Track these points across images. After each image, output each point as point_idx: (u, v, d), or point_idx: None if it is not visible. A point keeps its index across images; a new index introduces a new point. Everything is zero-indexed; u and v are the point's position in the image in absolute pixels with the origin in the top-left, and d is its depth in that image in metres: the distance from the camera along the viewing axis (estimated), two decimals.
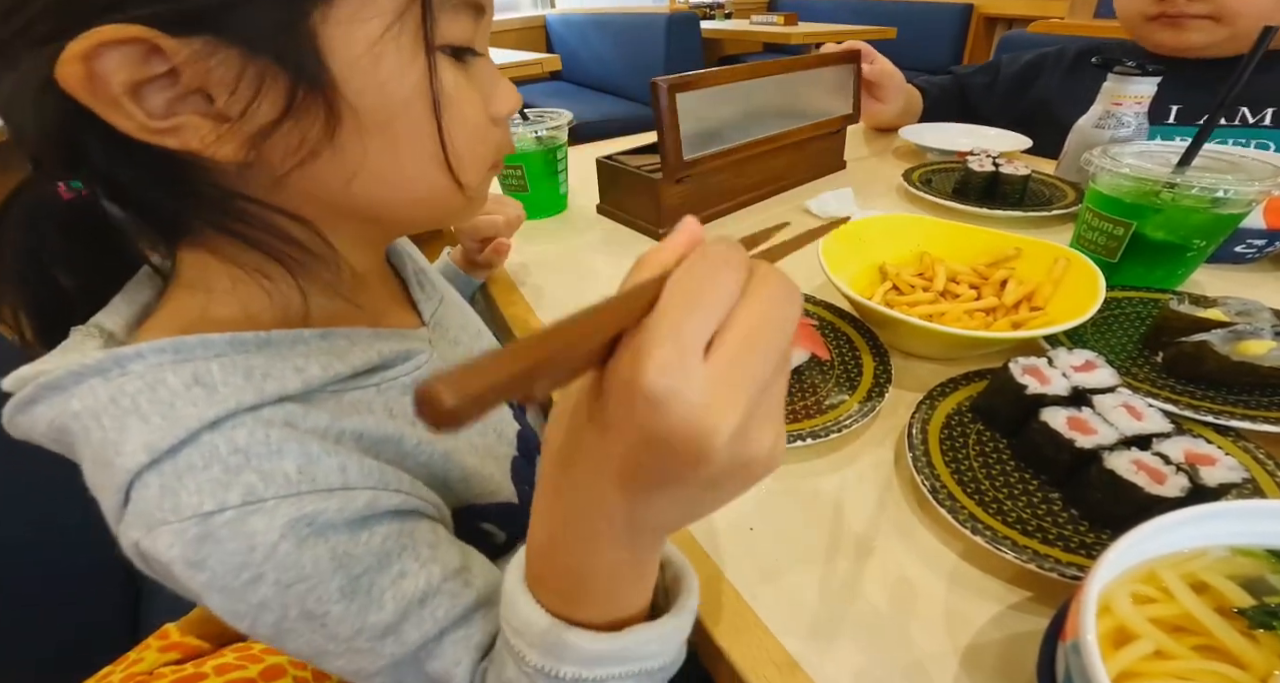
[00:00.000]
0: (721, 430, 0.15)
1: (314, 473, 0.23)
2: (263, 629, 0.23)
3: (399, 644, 0.24)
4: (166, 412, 0.21)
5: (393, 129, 0.25)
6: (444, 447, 0.31)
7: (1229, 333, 0.36)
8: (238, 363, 0.24)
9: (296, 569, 0.22)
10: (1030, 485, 0.33)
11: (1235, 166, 0.43)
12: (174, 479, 0.21)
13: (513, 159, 0.68)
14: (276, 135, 0.23)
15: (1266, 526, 0.24)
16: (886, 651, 0.27)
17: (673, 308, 0.15)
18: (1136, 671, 0.22)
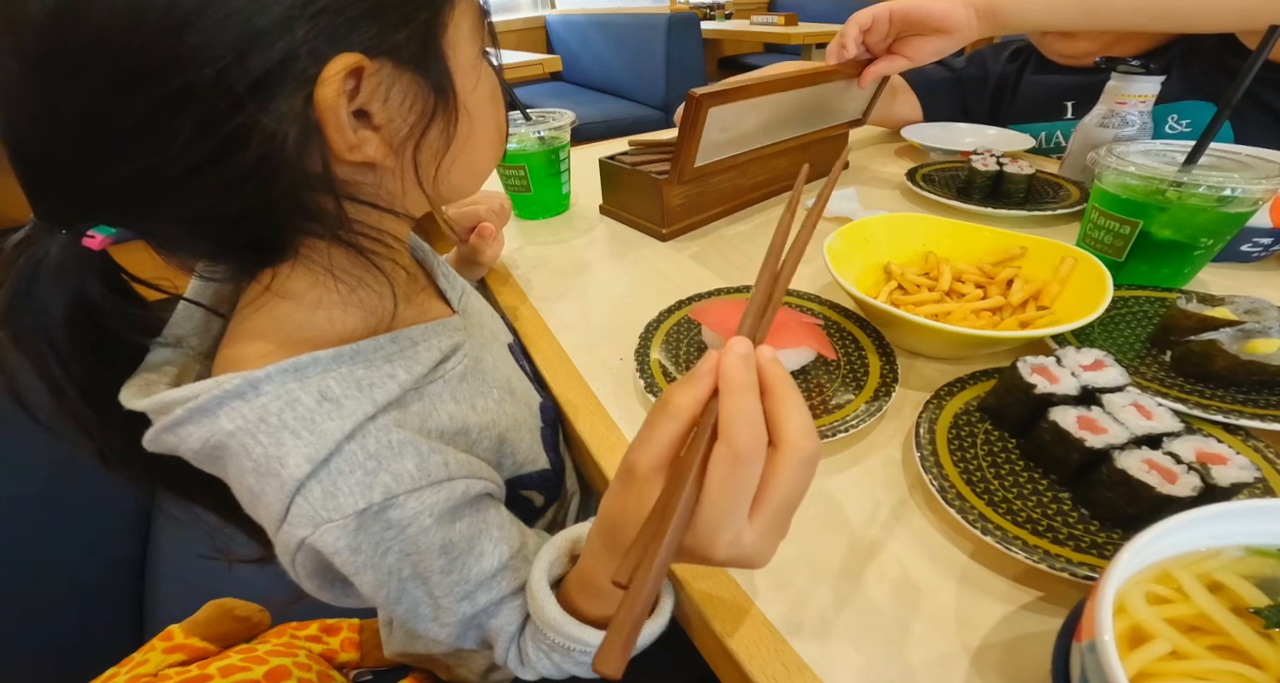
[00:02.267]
0: (763, 560, 0.22)
1: (428, 469, 0.28)
2: (391, 593, 0.28)
3: (472, 605, 0.30)
4: (312, 427, 0.25)
5: (484, 121, 0.30)
6: (498, 430, 0.36)
7: (1238, 332, 0.36)
8: (345, 376, 0.28)
9: (416, 547, 0.28)
10: (1040, 485, 0.33)
11: (1243, 165, 0.43)
12: (330, 485, 0.25)
13: (515, 159, 0.68)
14: (423, 140, 0.27)
15: (1273, 525, 0.24)
16: (895, 651, 0.27)
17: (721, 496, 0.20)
18: (1153, 671, 0.21)
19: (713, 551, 0.21)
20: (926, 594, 0.29)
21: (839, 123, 0.76)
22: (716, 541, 0.21)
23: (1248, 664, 0.21)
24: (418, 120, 0.26)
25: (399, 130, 0.25)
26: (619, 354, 0.48)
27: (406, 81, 0.25)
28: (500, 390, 0.37)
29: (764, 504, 0.21)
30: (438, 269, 0.41)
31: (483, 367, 0.37)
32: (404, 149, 0.26)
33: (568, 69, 2.62)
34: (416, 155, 0.27)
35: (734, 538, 0.21)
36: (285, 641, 0.48)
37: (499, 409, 0.36)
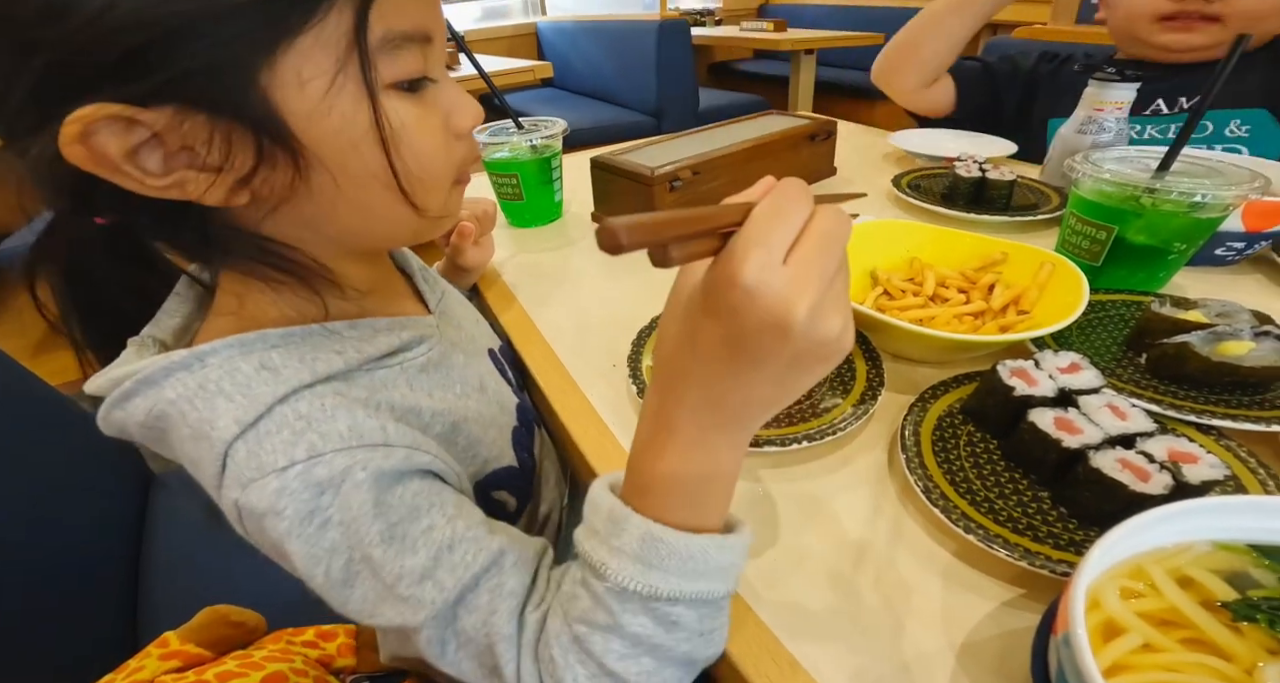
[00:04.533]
0: (798, 311, 0.20)
1: (361, 431, 0.28)
2: (335, 574, 0.26)
3: (437, 589, 0.26)
4: (246, 391, 0.26)
5: (350, 169, 0.28)
6: (453, 418, 0.36)
7: (1209, 334, 0.37)
8: (291, 351, 0.29)
9: (350, 511, 0.26)
10: (1020, 485, 0.34)
11: (1213, 171, 0.44)
12: (256, 445, 0.26)
13: (507, 167, 0.69)
14: (256, 181, 0.26)
15: (1247, 521, 0.25)
16: (884, 649, 0.28)
17: (763, 220, 0.21)
18: (1126, 663, 0.22)
19: (741, 265, 0.20)
20: (914, 593, 0.30)
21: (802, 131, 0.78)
22: (748, 255, 0.20)
23: (1217, 657, 0.22)
24: (243, 162, 0.25)
25: (228, 172, 0.25)
26: (611, 360, 0.49)
27: (226, 128, 0.24)
28: (465, 387, 0.38)
29: (799, 244, 0.21)
30: (418, 274, 0.44)
31: (450, 363, 0.38)
32: (242, 190, 0.26)
33: (559, 75, 2.63)
34: (253, 194, 0.27)
35: (765, 260, 0.20)
36: (281, 646, 0.48)
37: (459, 402, 0.37)
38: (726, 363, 0.23)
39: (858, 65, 2.85)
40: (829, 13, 3.03)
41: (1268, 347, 0.36)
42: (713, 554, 0.25)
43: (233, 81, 0.24)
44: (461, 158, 0.33)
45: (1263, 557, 0.24)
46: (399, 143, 0.28)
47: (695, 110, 2.19)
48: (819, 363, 0.23)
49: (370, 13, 0.25)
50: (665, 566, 0.24)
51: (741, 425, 0.25)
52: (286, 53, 0.24)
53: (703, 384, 0.24)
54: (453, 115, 0.31)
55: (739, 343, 0.22)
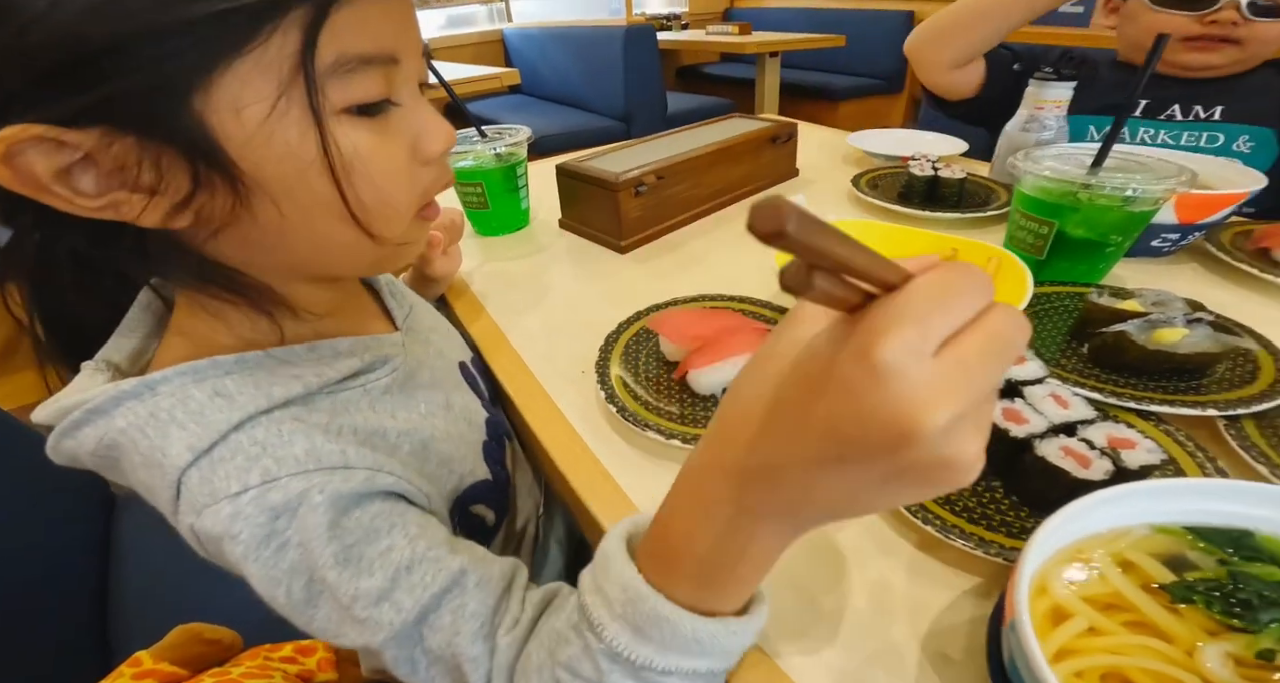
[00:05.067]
0: (932, 420, 0.15)
1: (319, 454, 0.28)
2: (297, 595, 0.26)
3: (395, 610, 0.26)
4: (199, 418, 0.26)
5: (297, 196, 0.26)
6: (421, 436, 0.35)
7: (1145, 323, 0.39)
8: (245, 377, 0.28)
9: (305, 532, 0.26)
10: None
11: (1144, 167, 0.47)
12: (209, 471, 0.26)
13: (472, 176, 0.69)
14: (194, 206, 0.25)
15: (1182, 503, 0.26)
16: (851, 640, 0.28)
17: (923, 299, 0.16)
18: (1072, 647, 0.23)
19: (880, 338, 0.15)
20: (878, 584, 0.31)
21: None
22: (893, 328, 0.15)
23: (1159, 639, 0.23)
24: (179, 187, 0.24)
25: (164, 196, 0.24)
26: (580, 366, 0.49)
27: (158, 151, 0.23)
28: (431, 404, 0.38)
29: (961, 340, 0.16)
30: (384, 290, 0.42)
31: (416, 381, 0.38)
32: (182, 213, 0.25)
33: (527, 81, 2.63)
34: (204, 219, 0.26)
35: (914, 341, 0.15)
36: (259, 663, 0.47)
37: (425, 421, 0.36)
38: (810, 444, 0.18)
39: (821, 67, 2.91)
40: (792, 16, 3.09)
41: (1200, 333, 0.37)
42: (721, 640, 0.23)
43: (163, 105, 0.23)
44: (428, 185, 0.32)
45: (1198, 539, 0.25)
46: (352, 171, 0.27)
47: (664, 114, 2.21)
48: (927, 486, 0.18)
49: (320, 36, 0.24)
50: (666, 643, 0.23)
51: (794, 520, 0.21)
52: (223, 76, 0.23)
53: (768, 458, 0.20)
54: (421, 140, 0.30)
55: (838, 429, 0.17)
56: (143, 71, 0.22)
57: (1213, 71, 0.71)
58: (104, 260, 0.28)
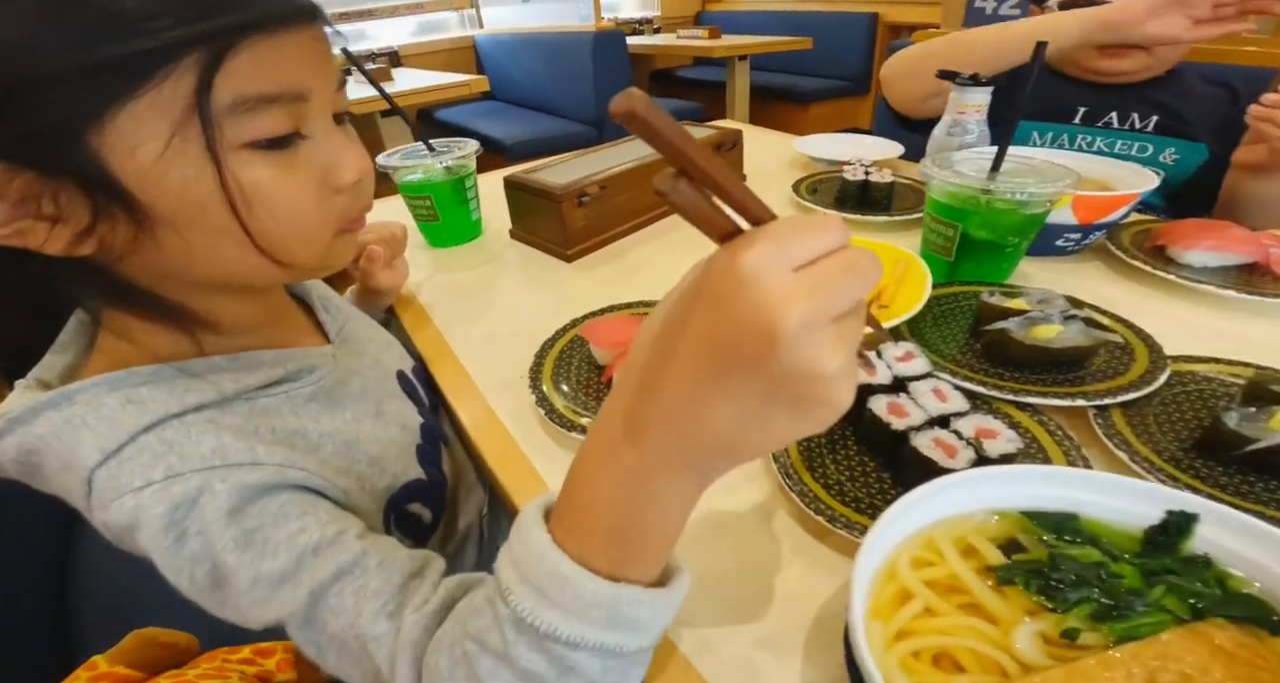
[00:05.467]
0: (790, 320, 0.17)
1: (225, 452, 0.29)
2: (201, 581, 0.28)
3: (295, 588, 0.27)
4: (110, 423, 0.28)
5: (199, 226, 0.28)
6: (345, 438, 0.37)
7: (1025, 320, 0.41)
8: (160, 386, 0.30)
9: (204, 520, 0.27)
10: (869, 467, 0.37)
11: (1034, 171, 0.50)
12: (117, 469, 0.27)
13: (421, 189, 0.70)
14: (97, 234, 0.27)
15: (1020, 489, 0.28)
16: (743, 623, 0.30)
17: (786, 226, 0.18)
18: (910, 629, 0.25)
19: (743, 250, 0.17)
20: (773, 571, 0.33)
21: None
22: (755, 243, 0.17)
23: (985, 620, 0.25)
24: (80, 218, 0.26)
25: (66, 225, 0.26)
26: (518, 373, 0.51)
27: (57, 185, 0.25)
28: (358, 412, 0.40)
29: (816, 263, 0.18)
30: (317, 303, 0.44)
31: (345, 390, 0.40)
32: (85, 241, 0.27)
33: (499, 87, 2.64)
34: (108, 246, 0.27)
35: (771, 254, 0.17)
36: (217, 665, 0.48)
37: (349, 426, 0.38)
38: (693, 364, 0.19)
39: (790, 69, 2.95)
40: (762, 19, 3.13)
41: (1075, 329, 0.40)
42: (625, 608, 0.22)
43: (59, 144, 0.24)
44: (343, 211, 0.33)
45: (1031, 521, 0.28)
46: (254, 203, 0.28)
47: None
48: (798, 405, 0.19)
49: (216, 79, 0.25)
50: (570, 608, 0.22)
51: (692, 464, 0.21)
52: (116, 117, 0.24)
53: (658, 393, 0.20)
54: (332, 171, 0.31)
55: (715, 340, 0.18)
56: (38, 115, 0.23)
57: (1126, 77, 0.75)
58: (19, 283, 0.29)
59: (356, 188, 0.33)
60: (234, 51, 0.25)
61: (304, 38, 0.29)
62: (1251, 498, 0.33)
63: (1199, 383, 0.40)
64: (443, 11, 2.79)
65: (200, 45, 0.25)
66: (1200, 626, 0.24)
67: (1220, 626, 0.23)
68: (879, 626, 0.25)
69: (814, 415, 0.19)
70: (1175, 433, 0.37)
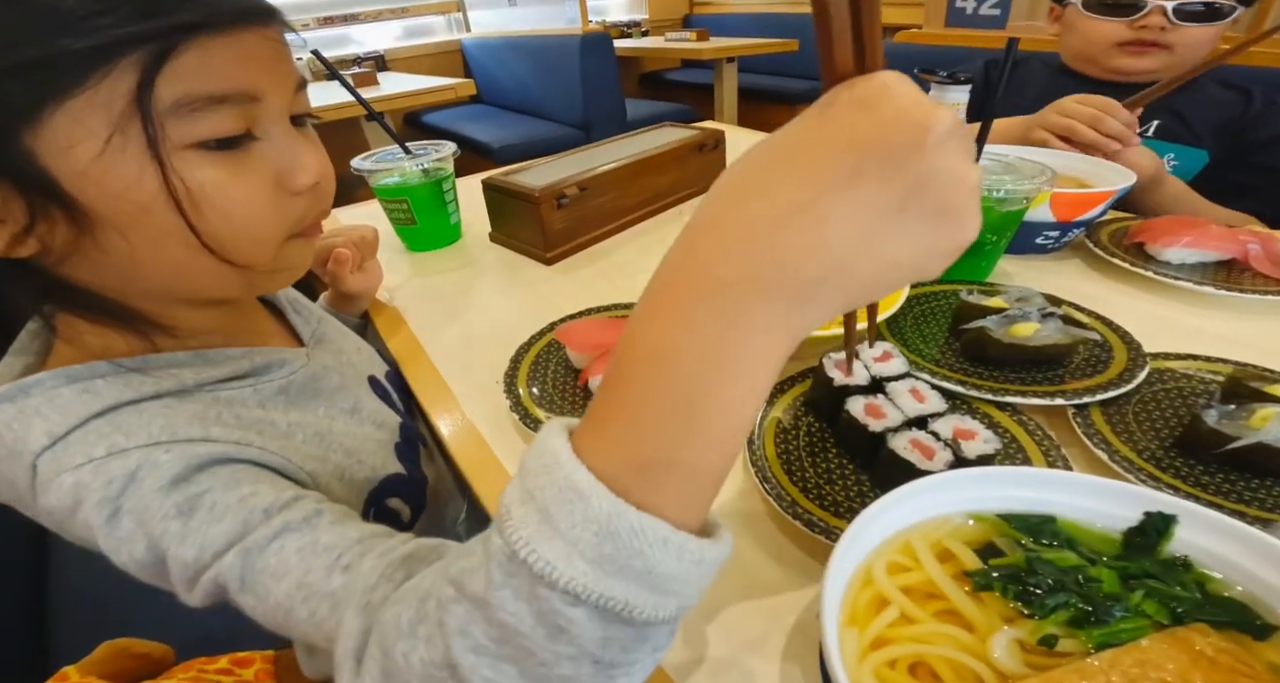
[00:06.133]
0: (943, 117, 0.16)
1: (175, 429, 0.28)
2: (142, 556, 0.26)
3: (242, 554, 0.25)
4: (62, 410, 0.27)
5: (143, 228, 0.27)
6: (317, 430, 0.36)
7: (1003, 318, 0.41)
8: (118, 378, 0.29)
9: (143, 491, 0.26)
10: (847, 469, 0.36)
11: (1010, 168, 0.49)
12: (62, 451, 0.26)
13: (397, 193, 0.69)
14: (36, 234, 0.26)
15: (996, 491, 0.28)
16: (722, 630, 0.30)
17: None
18: (886, 637, 0.24)
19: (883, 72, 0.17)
20: (753, 577, 0.32)
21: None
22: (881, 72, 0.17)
23: (962, 627, 0.24)
24: (17, 217, 0.25)
25: (13, 226, 0.25)
26: (495, 377, 0.50)
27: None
28: (333, 409, 0.39)
29: None
30: (288, 308, 0.44)
31: (319, 386, 0.39)
32: (24, 241, 0.26)
33: (487, 91, 2.63)
34: (49, 247, 0.27)
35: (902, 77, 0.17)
36: (193, 675, 0.47)
37: (322, 420, 0.38)
38: (820, 173, 0.16)
39: (778, 71, 2.96)
40: (748, 21, 3.14)
41: (1052, 327, 0.40)
42: (645, 548, 0.17)
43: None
44: (299, 215, 0.32)
45: (1008, 524, 0.27)
46: (202, 204, 0.27)
47: (623, 121, 2.23)
48: (932, 217, 0.17)
49: (158, 78, 0.25)
50: (575, 537, 0.17)
51: (791, 289, 0.17)
52: (54, 115, 0.24)
53: (771, 199, 0.17)
54: (287, 173, 0.31)
55: (855, 138, 0.16)
56: None
57: (1147, 76, 0.74)
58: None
59: (314, 191, 0.32)
60: (179, 51, 0.25)
61: (256, 38, 0.28)
62: (1233, 497, 0.32)
63: (1178, 381, 0.40)
64: (429, 15, 2.78)
65: (142, 44, 0.24)
66: (1180, 631, 0.23)
67: (1201, 631, 0.23)
68: (854, 634, 0.24)
69: (946, 231, 0.17)
70: (1155, 431, 0.36)
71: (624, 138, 0.84)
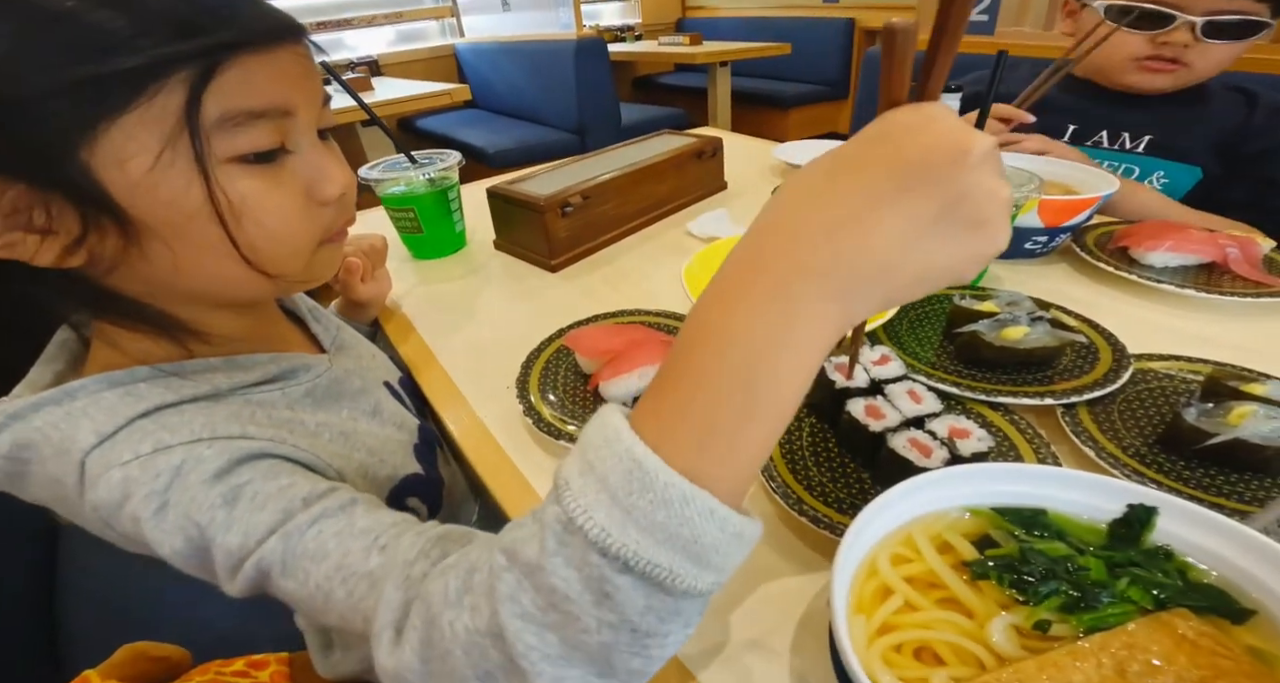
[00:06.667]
0: (981, 141, 0.19)
1: (215, 426, 0.29)
2: (182, 549, 0.27)
3: (283, 538, 0.26)
4: (108, 411, 0.28)
5: (187, 238, 0.29)
6: (342, 429, 0.38)
7: (994, 322, 0.43)
8: (158, 382, 0.31)
9: (189, 487, 0.27)
10: (849, 468, 0.38)
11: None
12: (110, 449, 0.27)
13: (404, 202, 0.71)
14: (86, 246, 0.27)
15: (991, 487, 0.29)
16: (733, 625, 0.31)
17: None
18: (892, 623, 0.26)
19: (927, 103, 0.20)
20: (761, 572, 0.34)
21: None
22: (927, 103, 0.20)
23: (962, 613, 0.26)
24: (70, 229, 0.27)
25: (56, 237, 0.27)
26: (505, 383, 0.51)
27: (48, 197, 0.26)
28: (355, 410, 0.41)
29: None
30: (308, 316, 0.46)
31: (342, 389, 0.41)
32: (76, 252, 0.27)
33: (481, 96, 2.64)
34: (98, 257, 0.28)
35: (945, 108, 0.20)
36: (210, 678, 0.47)
37: (346, 421, 0.39)
38: (874, 185, 0.19)
39: (770, 75, 2.99)
40: (741, 25, 3.17)
41: (1041, 330, 0.42)
42: (695, 518, 0.18)
43: (51, 157, 0.25)
44: (327, 224, 0.34)
45: (1002, 518, 0.29)
46: (242, 215, 0.29)
47: (618, 126, 2.25)
48: (969, 226, 0.20)
49: (205, 94, 0.26)
50: (631, 505, 0.18)
51: (844, 285, 0.19)
52: (108, 131, 0.25)
53: (829, 205, 0.20)
54: (316, 184, 0.32)
55: (903, 157, 0.19)
56: (30, 129, 0.24)
57: (1156, 92, 0.71)
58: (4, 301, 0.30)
59: (340, 201, 0.34)
60: (222, 68, 0.26)
61: (290, 55, 0.30)
62: (1213, 491, 0.34)
63: (1160, 380, 0.42)
64: (423, 20, 2.79)
65: (190, 62, 0.26)
66: (1164, 616, 0.24)
67: (1183, 615, 0.24)
68: (861, 621, 0.26)
69: (979, 239, 0.20)
70: (1139, 429, 0.38)
71: (624, 146, 0.86)
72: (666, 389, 0.20)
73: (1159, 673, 0.23)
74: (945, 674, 0.24)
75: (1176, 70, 0.69)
